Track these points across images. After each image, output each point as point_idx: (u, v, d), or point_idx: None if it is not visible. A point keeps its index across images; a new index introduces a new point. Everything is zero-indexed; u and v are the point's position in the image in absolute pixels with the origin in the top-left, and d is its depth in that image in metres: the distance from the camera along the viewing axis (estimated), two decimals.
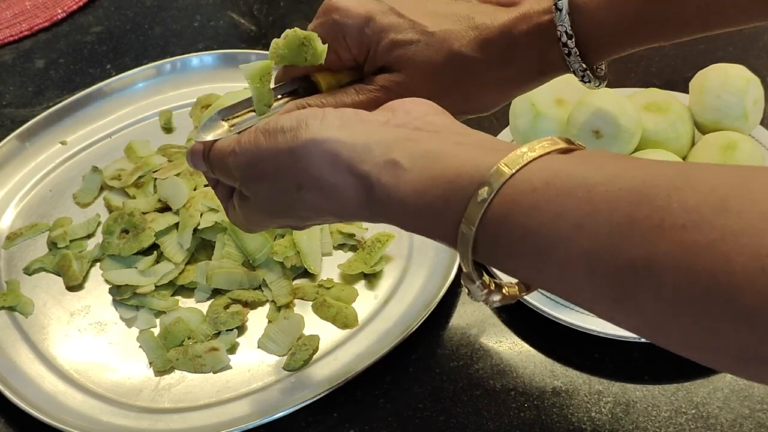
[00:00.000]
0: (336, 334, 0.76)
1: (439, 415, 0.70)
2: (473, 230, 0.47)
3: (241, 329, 0.78)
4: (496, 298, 0.52)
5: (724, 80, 0.80)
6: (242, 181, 0.58)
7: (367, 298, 0.79)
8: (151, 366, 0.76)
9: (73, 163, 0.94)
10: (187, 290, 0.81)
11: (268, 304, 0.79)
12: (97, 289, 0.82)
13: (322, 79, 0.63)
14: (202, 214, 0.83)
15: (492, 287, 0.51)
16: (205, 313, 0.78)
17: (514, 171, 0.46)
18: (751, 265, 0.38)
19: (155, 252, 0.82)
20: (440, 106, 0.56)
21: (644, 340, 0.63)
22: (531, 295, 0.67)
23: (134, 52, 1.08)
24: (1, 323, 0.80)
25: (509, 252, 0.47)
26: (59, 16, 1.14)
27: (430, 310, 0.74)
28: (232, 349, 0.76)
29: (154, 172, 0.89)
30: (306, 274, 0.81)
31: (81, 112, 0.98)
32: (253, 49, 1.04)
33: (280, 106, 0.61)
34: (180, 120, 0.97)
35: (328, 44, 0.60)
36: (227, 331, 0.77)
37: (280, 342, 0.76)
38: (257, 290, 0.80)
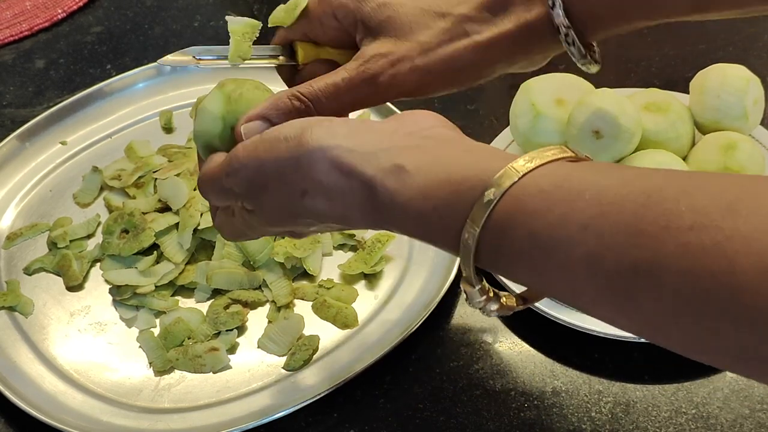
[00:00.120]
0: (336, 334, 0.76)
1: (439, 415, 0.70)
2: (477, 231, 0.46)
3: (241, 329, 0.78)
4: (494, 307, 0.51)
5: (724, 80, 0.79)
6: (246, 195, 0.56)
7: (367, 299, 0.79)
8: (151, 366, 0.76)
9: (73, 163, 0.94)
10: (187, 290, 0.81)
11: (268, 305, 0.79)
12: (97, 289, 0.82)
13: (302, 48, 0.65)
14: (202, 214, 0.83)
15: (491, 294, 0.51)
16: (205, 313, 0.78)
17: (523, 174, 0.46)
18: (757, 266, 0.38)
19: (155, 252, 0.82)
20: (427, 72, 0.56)
21: (644, 340, 0.63)
22: None
23: (134, 52, 1.08)
24: (1, 323, 0.80)
25: (512, 254, 0.46)
26: (59, 16, 1.14)
27: (430, 310, 0.74)
28: (232, 349, 0.76)
29: (155, 172, 0.89)
30: (306, 275, 0.81)
31: (81, 113, 0.98)
32: None
33: (255, 64, 0.64)
34: (180, 120, 0.97)
35: (307, 4, 0.63)
36: (227, 331, 0.77)
37: (280, 342, 0.76)
38: (257, 290, 0.80)
